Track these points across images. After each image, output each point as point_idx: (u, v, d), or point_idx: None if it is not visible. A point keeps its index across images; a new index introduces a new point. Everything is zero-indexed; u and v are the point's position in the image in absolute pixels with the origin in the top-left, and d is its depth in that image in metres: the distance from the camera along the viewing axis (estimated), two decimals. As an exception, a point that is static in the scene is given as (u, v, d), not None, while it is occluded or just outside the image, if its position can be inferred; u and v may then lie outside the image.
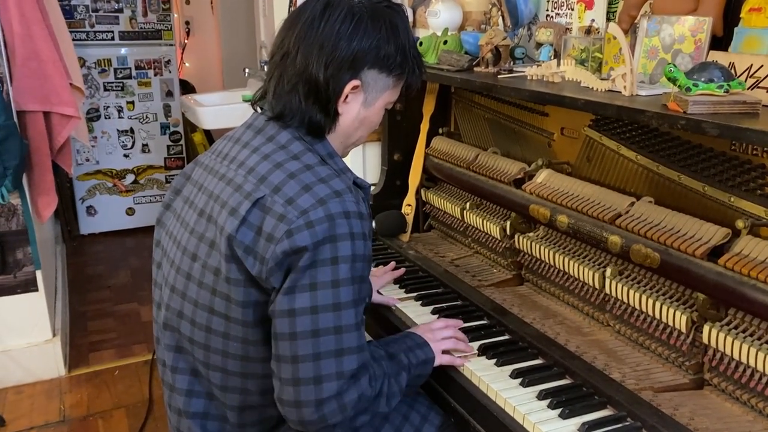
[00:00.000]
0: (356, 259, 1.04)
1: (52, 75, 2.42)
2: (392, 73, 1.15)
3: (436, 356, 1.27)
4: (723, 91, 1.07)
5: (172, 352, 1.18)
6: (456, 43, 1.84)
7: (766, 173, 1.14)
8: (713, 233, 1.17)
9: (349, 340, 1.04)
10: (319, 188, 1.04)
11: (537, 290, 1.63)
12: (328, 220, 1.01)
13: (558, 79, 1.46)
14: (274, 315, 1.03)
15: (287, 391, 1.03)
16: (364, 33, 1.09)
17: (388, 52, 1.12)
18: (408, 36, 1.16)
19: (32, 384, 2.58)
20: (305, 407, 1.02)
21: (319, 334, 1.01)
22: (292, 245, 1.00)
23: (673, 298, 1.24)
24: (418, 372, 1.24)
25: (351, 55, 1.08)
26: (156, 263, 1.25)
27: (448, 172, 1.90)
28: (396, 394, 1.15)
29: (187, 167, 1.27)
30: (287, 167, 1.07)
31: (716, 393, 1.19)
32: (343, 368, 1.03)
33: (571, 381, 1.24)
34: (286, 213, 1.02)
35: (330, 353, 1.02)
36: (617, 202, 1.36)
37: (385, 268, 1.70)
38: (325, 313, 1.02)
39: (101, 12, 3.96)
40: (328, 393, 1.02)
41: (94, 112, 4.06)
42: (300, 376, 1.02)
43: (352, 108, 1.15)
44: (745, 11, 1.24)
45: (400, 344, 1.25)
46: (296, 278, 1.01)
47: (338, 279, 1.02)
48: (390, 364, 1.17)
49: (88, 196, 4.14)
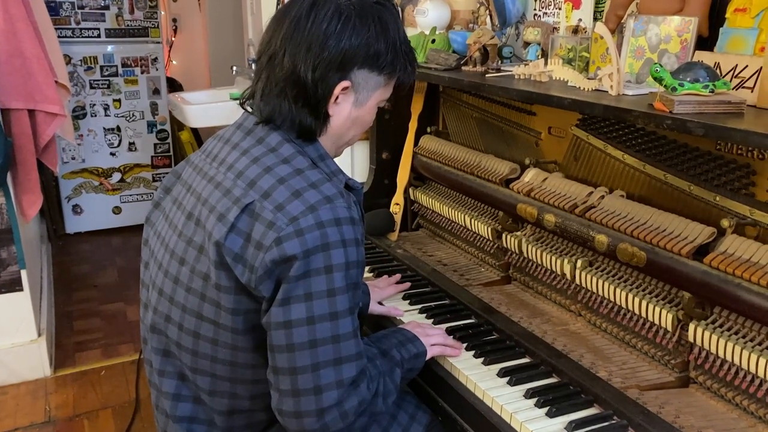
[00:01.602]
0: (350, 266, 1.02)
1: (37, 72, 2.40)
2: (383, 72, 1.12)
3: (428, 349, 1.27)
4: (708, 91, 1.08)
5: (160, 355, 1.17)
6: (444, 42, 1.84)
7: (750, 173, 1.15)
8: (699, 232, 1.18)
9: (347, 348, 1.03)
10: (309, 194, 1.02)
11: (525, 289, 1.63)
12: (318, 228, 0.99)
13: (545, 79, 1.46)
14: (270, 327, 1.01)
15: (287, 403, 1.02)
16: (353, 31, 1.06)
17: (378, 50, 1.08)
18: (398, 32, 1.12)
19: (17, 385, 2.55)
20: (306, 417, 1.01)
21: (317, 344, 1.00)
22: (281, 254, 0.98)
23: (660, 297, 1.25)
24: (410, 366, 1.24)
25: (339, 55, 1.06)
26: (144, 263, 1.23)
27: (437, 170, 1.90)
28: (392, 392, 1.15)
29: (178, 165, 1.25)
30: (277, 171, 1.05)
31: (701, 391, 1.20)
32: (342, 376, 1.02)
33: (557, 379, 1.25)
34: (275, 220, 1.00)
35: (329, 363, 1.01)
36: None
37: (389, 280, 1.64)
38: (322, 323, 1.00)
39: (87, 9, 3.92)
40: (328, 402, 1.01)
41: (80, 110, 4.03)
42: (299, 387, 1.00)
43: (343, 109, 1.12)
44: (730, 11, 1.25)
45: (391, 340, 1.25)
46: (290, 289, 0.99)
47: (333, 288, 1.00)
48: (383, 361, 1.17)
49: (74, 195, 4.10)
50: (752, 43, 1.20)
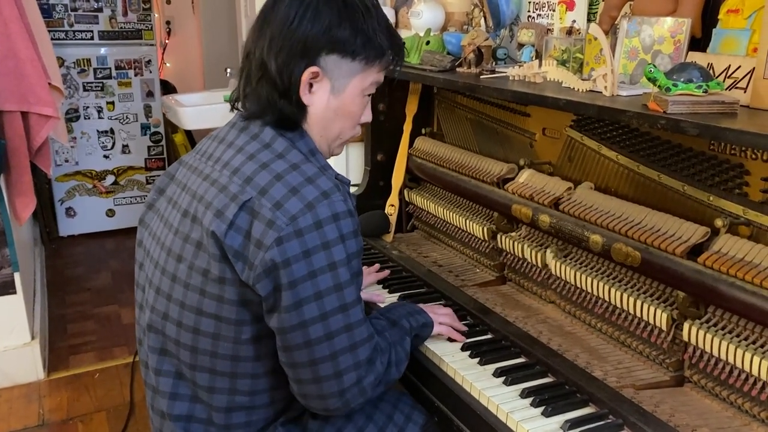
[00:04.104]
0: (351, 258, 1.06)
1: (30, 74, 2.38)
2: (356, 58, 1.09)
3: (435, 325, 1.35)
4: (702, 91, 1.09)
5: (156, 354, 1.17)
6: (438, 43, 1.85)
7: (744, 172, 1.16)
8: (693, 232, 1.19)
9: (360, 333, 1.08)
10: (306, 190, 1.03)
11: (520, 289, 1.63)
12: (317, 228, 1.01)
13: (539, 80, 1.47)
14: (284, 331, 1.04)
15: (309, 389, 1.08)
16: (314, 16, 1.05)
17: (343, 35, 1.07)
18: (369, 17, 1.09)
19: (10, 388, 2.54)
20: (329, 398, 1.08)
21: (332, 336, 1.05)
22: (282, 254, 1.00)
23: (654, 296, 1.26)
24: (419, 333, 1.32)
25: (301, 40, 1.06)
26: (138, 264, 1.23)
27: (431, 172, 1.90)
28: (403, 360, 1.22)
29: (171, 167, 1.26)
30: (273, 168, 1.06)
31: (696, 390, 1.20)
32: (359, 358, 1.08)
33: (553, 379, 1.25)
34: (275, 219, 1.01)
35: (345, 349, 1.06)
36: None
37: (369, 269, 1.69)
38: (334, 316, 1.04)
39: (80, 11, 3.90)
40: (349, 383, 1.08)
41: (74, 113, 4.01)
42: (321, 374, 1.06)
43: (320, 97, 1.12)
44: (723, 13, 1.26)
45: (400, 310, 1.32)
46: (298, 292, 1.01)
47: (340, 282, 1.04)
48: (393, 331, 1.24)
49: (67, 198, 4.08)
50: (745, 44, 1.21)
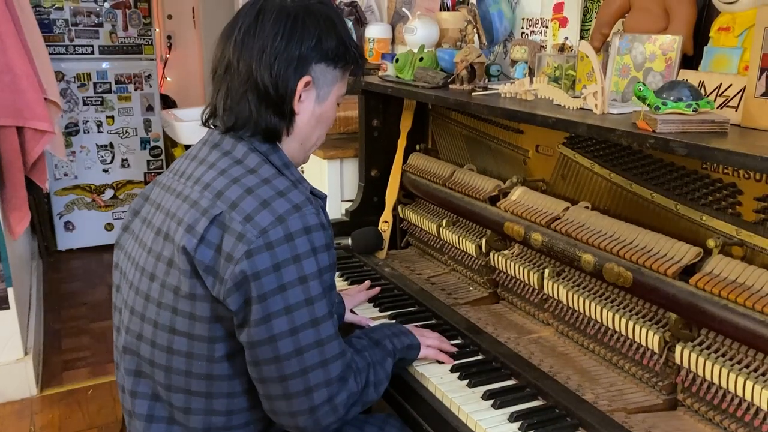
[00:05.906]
0: (323, 272, 1.05)
1: (26, 89, 2.39)
2: (338, 65, 1.15)
3: (422, 347, 1.32)
4: (692, 110, 1.07)
5: (132, 376, 1.15)
6: (432, 60, 1.84)
7: (737, 192, 1.14)
8: (685, 252, 1.17)
9: (331, 349, 1.06)
10: (277, 203, 1.03)
11: (512, 308, 1.61)
12: (287, 241, 1.01)
13: (531, 97, 1.45)
14: (253, 345, 1.03)
15: (279, 405, 1.06)
16: (303, 29, 1.09)
17: (330, 44, 1.12)
18: (344, 28, 1.17)
19: (2, 404, 2.52)
20: (299, 416, 1.06)
21: (302, 351, 1.03)
22: (252, 267, 0.99)
23: (646, 318, 1.23)
24: (403, 356, 1.28)
25: (296, 52, 1.09)
26: (115, 286, 1.22)
27: (425, 188, 1.89)
28: (383, 381, 1.20)
29: (146, 188, 1.26)
30: (244, 182, 1.06)
31: (689, 414, 1.18)
32: (330, 375, 1.06)
33: (543, 402, 1.22)
34: (245, 232, 1.00)
35: (316, 365, 1.04)
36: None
37: (359, 287, 1.68)
38: (304, 331, 1.03)
39: (81, 26, 3.92)
40: (319, 400, 1.06)
41: (73, 127, 4.02)
42: (291, 390, 1.05)
43: (307, 106, 1.14)
44: (714, 31, 1.25)
45: (384, 331, 1.29)
46: (268, 305, 1.00)
47: (311, 296, 1.03)
48: (374, 351, 1.21)
49: (66, 212, 4.08)
50: (736, 62, 1.19)
